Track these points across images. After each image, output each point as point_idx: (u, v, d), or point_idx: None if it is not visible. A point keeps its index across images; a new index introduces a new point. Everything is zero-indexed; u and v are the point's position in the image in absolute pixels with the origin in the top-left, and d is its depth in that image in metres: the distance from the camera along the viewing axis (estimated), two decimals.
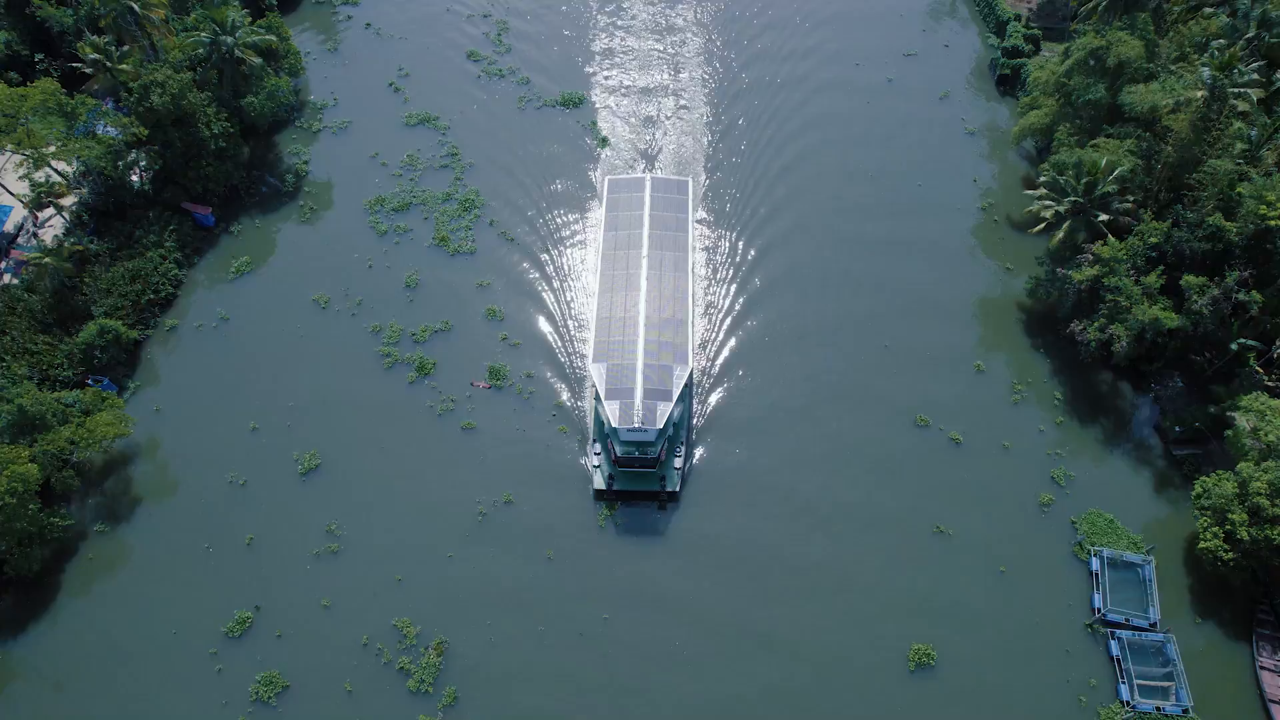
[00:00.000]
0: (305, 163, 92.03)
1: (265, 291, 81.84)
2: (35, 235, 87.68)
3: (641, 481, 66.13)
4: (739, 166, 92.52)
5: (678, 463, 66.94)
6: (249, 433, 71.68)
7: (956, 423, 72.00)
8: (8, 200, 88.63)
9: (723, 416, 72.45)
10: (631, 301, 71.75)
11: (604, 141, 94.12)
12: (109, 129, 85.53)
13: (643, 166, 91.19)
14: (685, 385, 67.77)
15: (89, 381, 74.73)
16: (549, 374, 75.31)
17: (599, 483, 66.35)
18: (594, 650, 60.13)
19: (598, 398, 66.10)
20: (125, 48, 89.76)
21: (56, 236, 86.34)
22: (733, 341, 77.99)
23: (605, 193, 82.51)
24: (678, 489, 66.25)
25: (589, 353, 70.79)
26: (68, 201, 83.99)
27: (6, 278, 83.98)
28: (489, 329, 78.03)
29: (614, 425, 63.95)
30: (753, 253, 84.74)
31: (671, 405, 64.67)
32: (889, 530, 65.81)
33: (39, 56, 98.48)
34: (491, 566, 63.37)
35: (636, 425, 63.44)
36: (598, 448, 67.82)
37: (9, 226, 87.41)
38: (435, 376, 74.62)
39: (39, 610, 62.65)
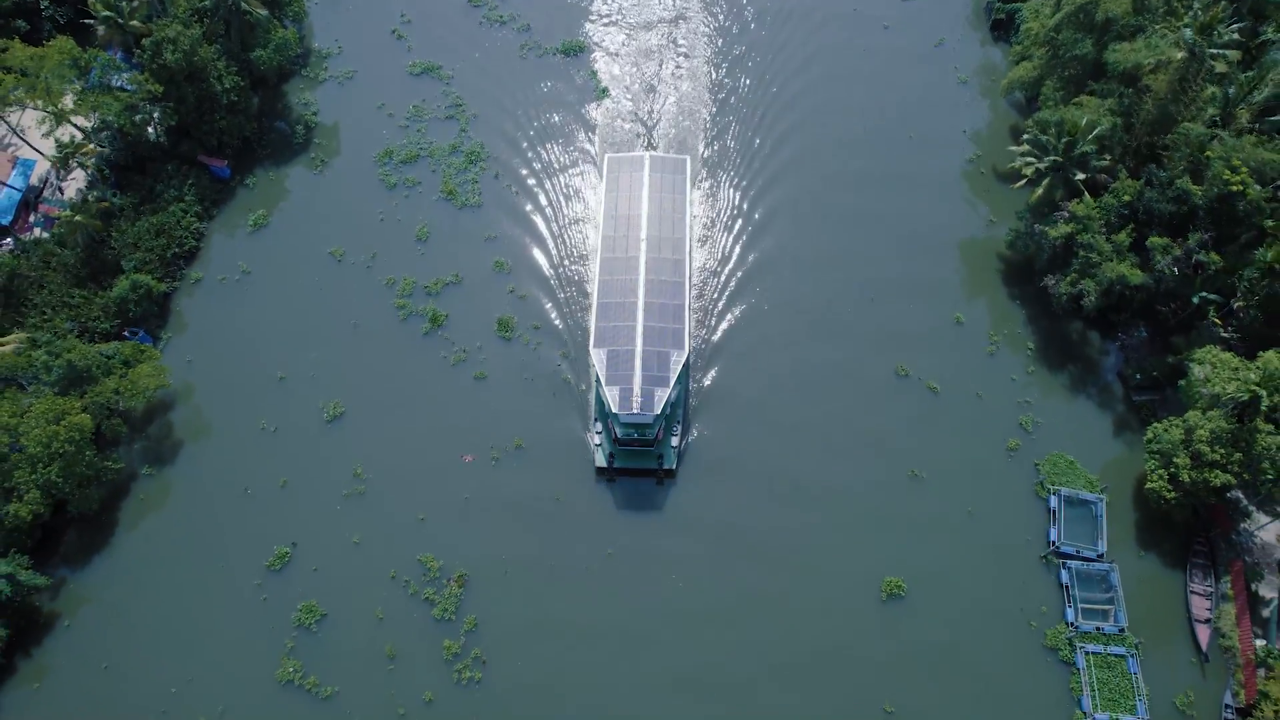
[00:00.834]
0: (314, 114, 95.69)
1: (283, 244, 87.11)
2: (60, 189, 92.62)
3: (640, 459, 71.90)
4: (737, 109, 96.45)
5: (675, 441, 72.62)
6: (276, 382, 78.30)
7: (935, 373, 78.30)
8: (30, 155, 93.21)
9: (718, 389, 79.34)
10: (630, 287, 75.68)
11: (604, 92, 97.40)
12: (124, 84, 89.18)
13: (643, 142, 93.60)
14: (682, 368, 72.51)
15: (126, 334, 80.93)
16: (556, 324, 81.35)
17: (600, 460, 72.22)
18: (598, 579, 68.26)
19: (598, 381, 71.49)
20: (134, 1, 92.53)
21: (80, 190, 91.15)
22: (733, 310, 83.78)
23: (605, 171, 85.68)
24: (674, 467, 72.27)
25: (590, 336, 74.86)
26: (88, 155, 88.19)
27: (37, 231, 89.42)
28: (497, 281, 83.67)
29: (614, 410, 69.18)
30: (749, 223, 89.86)
31: (669, 390, 69.75)
32: (868, 475, 72.99)
33: (45, 3, 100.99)
34: (505, 507, 70.97)
35: (635, 411, 69.08)
36: (599, 427, 73.33)
37: (34, 180, 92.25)
38: (448, 328, 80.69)
39: (100, 544, 70.72)
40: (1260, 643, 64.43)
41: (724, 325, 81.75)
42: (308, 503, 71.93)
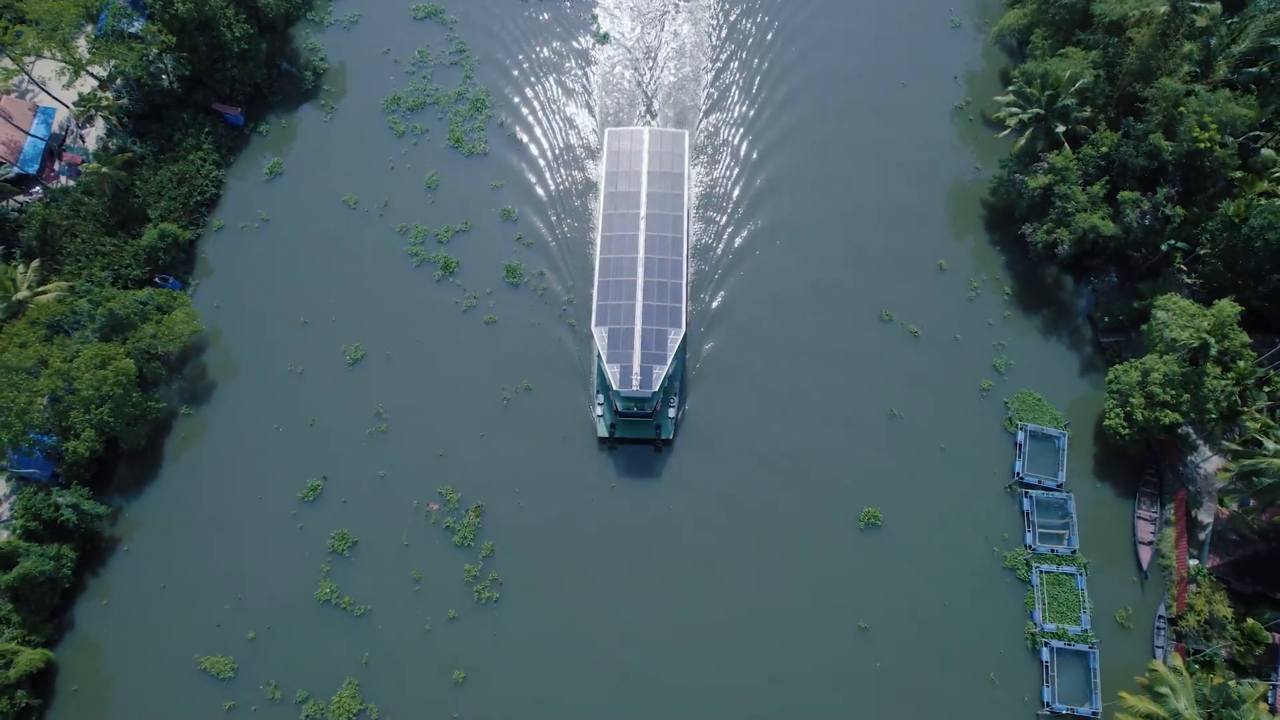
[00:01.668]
0: (322, 59, 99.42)
1: (298, 192, 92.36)
2: (81, 137, 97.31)
3: (640, 429, 78.16)
4: (737, 54, 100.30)
5: (672, 413, 78.72)
6: (300, 326, 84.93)
7: (917, 317, 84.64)
8: (50, 103, 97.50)
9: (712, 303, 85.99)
10: (630, 266, 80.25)
11: (604, 38, 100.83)
12: (137, 33, 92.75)
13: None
14: (679, 345, 77.81)
15: (157, 280, 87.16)
16: (561, 270, 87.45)
17: (602, 431, 78.41)
18: (601, 510, 76.41)
19: (599, 358, 77.66)
20: None
21: (100, 138, 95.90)
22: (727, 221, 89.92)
23: (605, 145, 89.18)
24: (671, 437, 78.71)
25: (592, 314, 79.37)
26: (110, 108, 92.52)
27: (62, 179, 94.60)
28: (504, 229, 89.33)
29: (615, 387, 75.19)
30: (753, 154, 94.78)
31: (666, 368, 75.58)
32: (850, 414, 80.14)
33: None
34: (516, 444, 78.57)
35: (635, 388, 75.11)
36: (600, 399, 79.41)
37: (55, 128, 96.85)
38: (459, 275, 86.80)
39: (149, 476, 78.76)
40: (1194, 562, 72.71)
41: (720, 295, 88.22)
42: (335, 439, 79.56)
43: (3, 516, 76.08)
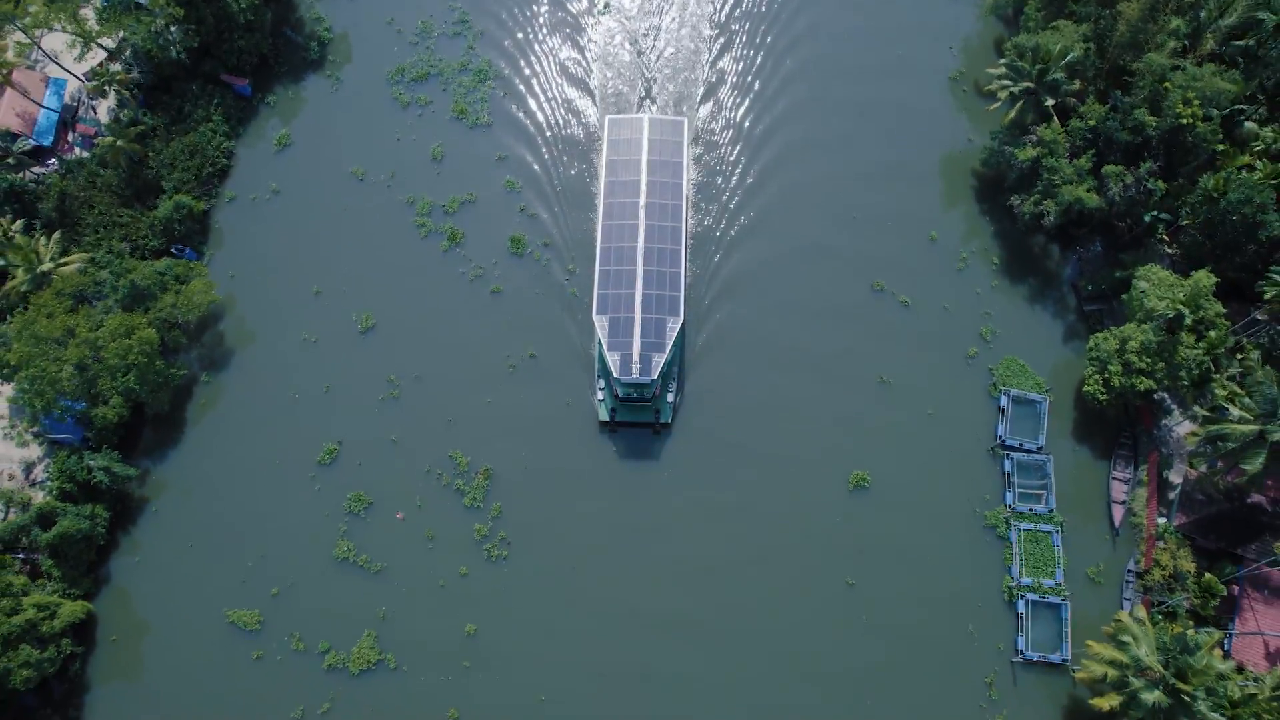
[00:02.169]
0: (327, 29, 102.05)
1: (307, 164, 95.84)
2: (93, 108, 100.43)
3: (639, 413, 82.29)
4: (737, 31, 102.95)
5: (670, 397, 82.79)
6: (313, 296, 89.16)
7: (907, 287, 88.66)
8: (60, 74, 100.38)
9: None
10: (630, 256, 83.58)
11: (606, 7, 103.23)
12: (144, 4, 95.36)
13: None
14: (678, 333, 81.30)
15: (173, 251, 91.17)
16: (563, 242, 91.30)
17: (603, 415, 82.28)
18: (604, 472, 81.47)
19: (600, 345, 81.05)
20: None
21: (111, 109, 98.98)
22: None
23: (605, 134, 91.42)
24: (670, 420, 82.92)
25: (593, 303, 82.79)
26: (124, 82, 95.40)
27: (76, 151, 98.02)
28: (509, 200, 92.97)
29: (616, 375, 78.90)
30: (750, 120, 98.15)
31: (665, 356, 79.37)
32: (841, 381, 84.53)
33: None
34: (523, 410, 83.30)
35: (635, 376, 79.23)
36: (602, 384, 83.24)
37: (66, 99, 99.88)
38: (465, 245, 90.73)
39: (173, 440, 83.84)
40: (1162, 520, 77.79)
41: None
42: (349, 406, 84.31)
43: (38, 479, 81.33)
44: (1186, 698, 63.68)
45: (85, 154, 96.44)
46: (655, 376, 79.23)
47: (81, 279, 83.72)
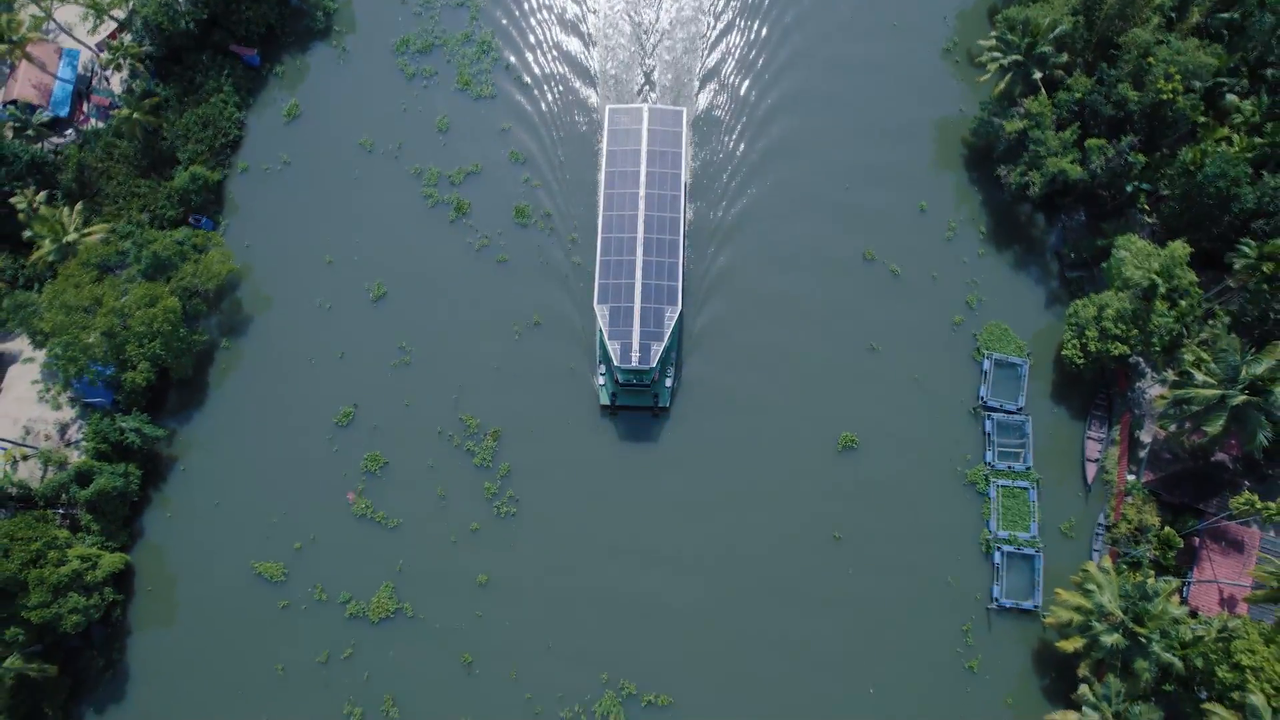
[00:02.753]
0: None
1: (316, 135, 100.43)
2: (106, 79, 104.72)
3: (639, 398, 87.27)
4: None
5: (668, 382, 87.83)
6: (326, 265, 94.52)
7: (897, 257, 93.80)
8: (72, 44, 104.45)
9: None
10: (630, 246, 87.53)
11: None
12: None
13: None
14: (676, 321, 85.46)
15: (190, 221, 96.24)
16: (566, 213, 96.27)
17: (604, 399, 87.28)
18: (607, 435, 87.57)
19: (601, 333, 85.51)
20: None
21: (124, 80, 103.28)
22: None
23: (606, 123, 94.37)
24: (668, 405, 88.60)
25: (594, 292, 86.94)
26: (138, 56, 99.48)
27: (92, 122, 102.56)
28: (513, 171, 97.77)
29: (616, 363, 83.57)
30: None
31: (663, 344, 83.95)
32: (832, 349, 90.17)
33: None
34: (529, 374, 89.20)
35: (634, 364, 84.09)
36: (603, 369, 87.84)
37: (80, 70, 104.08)
38: (471, 216, 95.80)
39: (197, 403, 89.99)
40: (1132, 477, 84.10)
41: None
42: (363, 371, 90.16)
43: (73, 439, 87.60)
44: (1143, 640, 70.52)
45: (101, 125, 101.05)
46: (654, 364, 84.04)
47: (105, 249, 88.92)
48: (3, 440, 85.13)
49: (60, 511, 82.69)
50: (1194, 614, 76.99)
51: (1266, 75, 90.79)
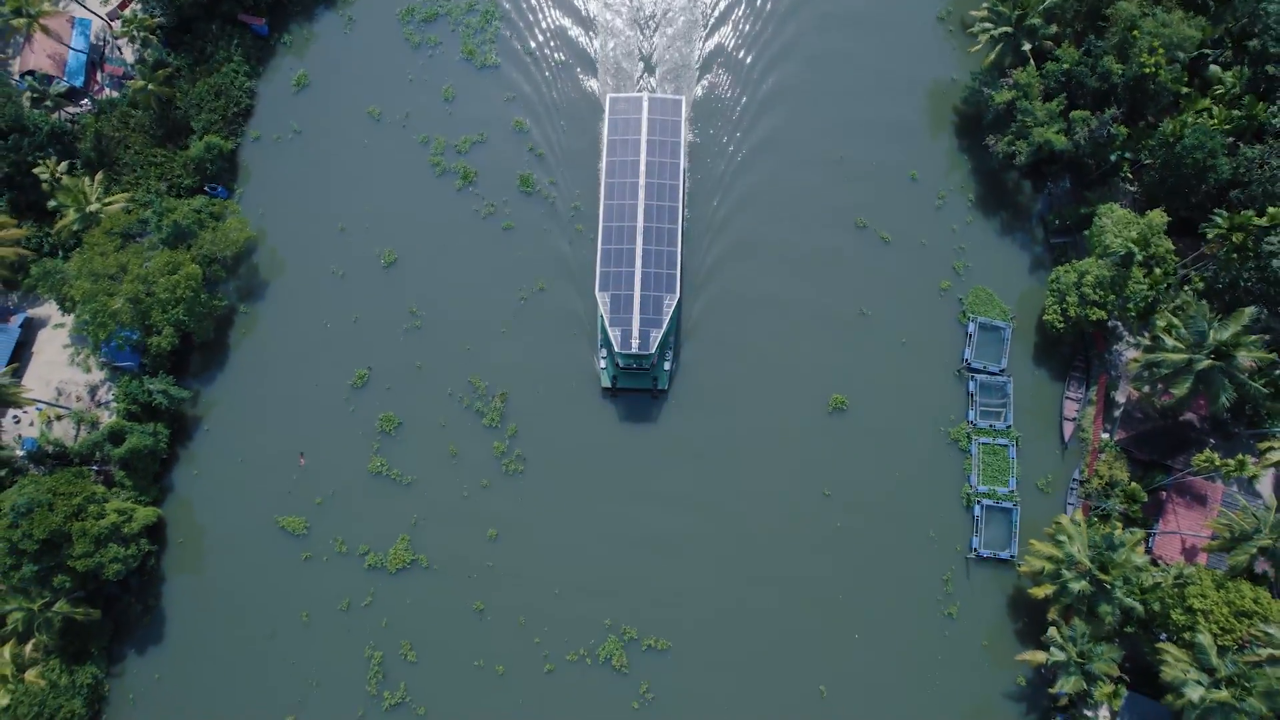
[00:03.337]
0: None
1: (325, 104, 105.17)
2: (118, 48, 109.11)
3: (639, 380, 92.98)
4: None
5: (666, 366, 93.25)
6: (338, 232, 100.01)
7: (888, 224, 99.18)
8: (84, 14, 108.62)
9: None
10: (630, 235, 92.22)
11: None
12: None
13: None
14: (674, 308, 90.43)
15: (206, 189, 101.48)
16: (569, 179, 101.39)
17: (605, 382, 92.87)
18: (609, 400, 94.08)
19: (603, 319, 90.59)
20: None
21: (136, 50, 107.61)
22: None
23: (607, 112, 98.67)
24: (666, 387, 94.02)
25: (595, 279, 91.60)
26: (150, 28, 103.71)
27: (106, 91, 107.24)
28: (517, 140, 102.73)
29: (616, 349, 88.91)
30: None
31: (662, 331, 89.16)
32: (825, 314, 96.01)
33: None
34: (535, 340, 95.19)
35: (634, 350, 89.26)
36: (604, 352, 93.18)
37: (92, 39, 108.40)
38: (477, 184, 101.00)
39: (218, 365, 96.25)
40: (1105, 435, 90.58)
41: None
42: (376, 335, 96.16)
43: (103, 400, 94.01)
44: (1107, 586, 77.50)
45: (115, 94, 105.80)
46: (653, 350, 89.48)
47: (127, 218, 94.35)
48: (38, 401, 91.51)
49: (95, 468, 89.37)
50: (1155, 562, 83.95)
51: (1249, 46, 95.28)
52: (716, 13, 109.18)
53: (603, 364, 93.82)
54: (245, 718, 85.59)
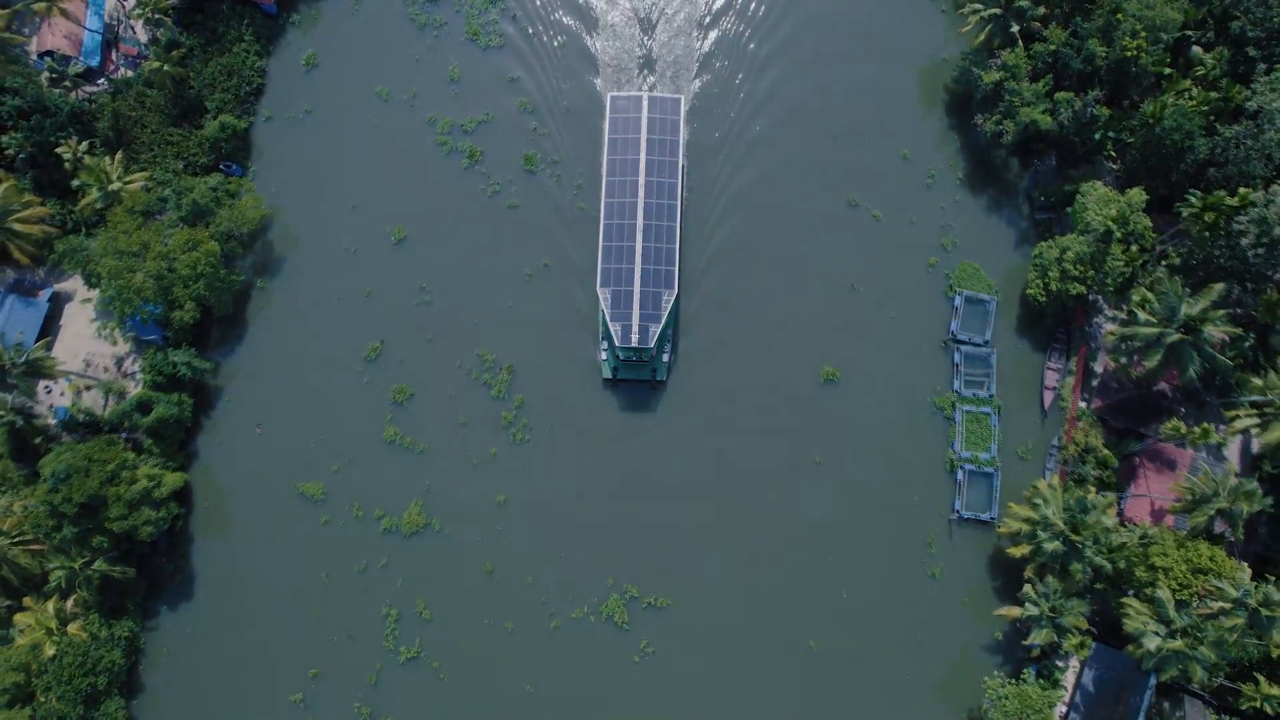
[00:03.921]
0: None
1: (335, 84, 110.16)
2: (132, 27, 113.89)
3: (638, 371, 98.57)
4: None
5: (665, 357, 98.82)
6: (350, 209, 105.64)
7: (879, 202, 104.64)
8: None
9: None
10: (630, 232, 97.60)
11: None
12: None
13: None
14: (672, 303, 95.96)
15: (221, 167, 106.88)
16: (573, 158, 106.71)
17: (606, 373, 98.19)
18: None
19: (604, 314, 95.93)
20: None
21: (149, 30, 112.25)
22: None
23: (607, 111, 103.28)
24: (665, 378, 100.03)
25: (597, 275, 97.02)
26: (164, 7, 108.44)
27: (122, 70, 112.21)
28: (522, 120, 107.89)
29: (617, 344, 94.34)
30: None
31: (661, 325, 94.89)
32: (818, 290, 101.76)
33: None
34: (540, 315, 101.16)
35: (634, 343, 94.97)
36: (605, 344, 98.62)
37: (105, 18, 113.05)
38: (484, 163, 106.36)
39: (237, 337, 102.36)
40: (1083, 404, 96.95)
41: None
42: (388, 309, 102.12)
43: (129, 371, 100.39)
44: (1078, 546, 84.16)
45: (130, 73, 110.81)
46: (652, 345, 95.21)
47: (147, 197, 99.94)
48: (70, 374, 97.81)
49: (124, 436, 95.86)
50: (1127, 524, 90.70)
51: (1231, 28, 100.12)
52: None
53: (604, 356, 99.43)
54: (271, 669, 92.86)
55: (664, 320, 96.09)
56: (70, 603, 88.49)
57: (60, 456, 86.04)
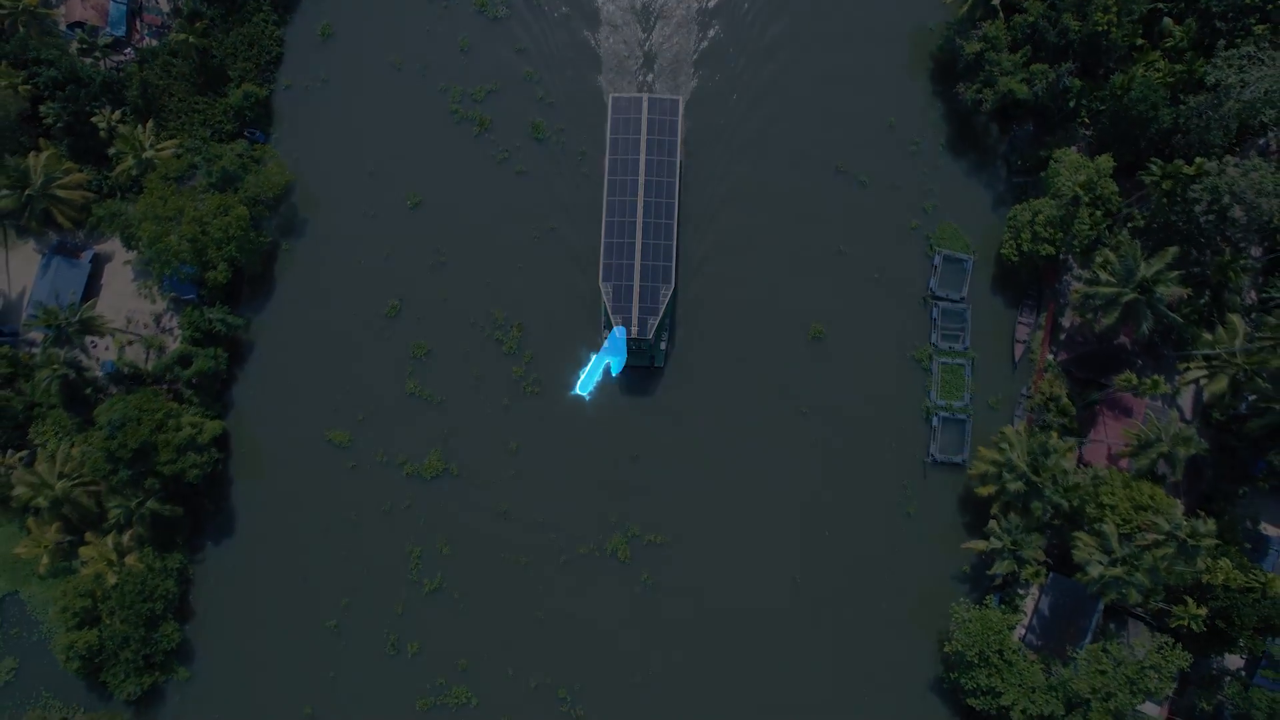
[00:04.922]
0: None
1: (349, 54, 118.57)
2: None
3: (638, 358, 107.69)
4: None
5: (663, 345, 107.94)
6: (368, 175, 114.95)
7: (865, 169, 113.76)
8: None
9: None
10: (630, 230, 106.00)
11: None
12: None
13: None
14: (670, 297, 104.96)
15: (246, 134, 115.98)
16: (577, 125, 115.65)
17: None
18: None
19: (605, 307, 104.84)
20: None
21: (173, 3, 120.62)
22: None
23: (609, 112, 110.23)
24: (662, 365, 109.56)
25: (599, 270, 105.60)
26: None
27: (147, 40, 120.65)
28: (529, 89, 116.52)
29: (618, 337, 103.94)
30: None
31: (659, 318, 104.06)
32: (803, 253, 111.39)
33: None
34: (548, 277, 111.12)
35: (634, 335, 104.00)
36: (607, 334, 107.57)
37: None
38: (493, 131, 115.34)
39: (266, 295, 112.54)
40: (1050, 356, 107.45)
41: None
42: (405, 270, 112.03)
43: (167, 327, 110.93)
44: (1038, 486, 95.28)
45: (155, 43, 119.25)
46: (651, 336, 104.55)
47: (179, 163, 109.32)
48: (116, 330, 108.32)
49: (166, 387, 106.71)
50: (1084, 466, 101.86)
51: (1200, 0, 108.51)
52: None
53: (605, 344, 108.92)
54: (308, 598, 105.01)
55: (661, 313, 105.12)
56: (127, 538, 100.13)
57: (114, 406, 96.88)
